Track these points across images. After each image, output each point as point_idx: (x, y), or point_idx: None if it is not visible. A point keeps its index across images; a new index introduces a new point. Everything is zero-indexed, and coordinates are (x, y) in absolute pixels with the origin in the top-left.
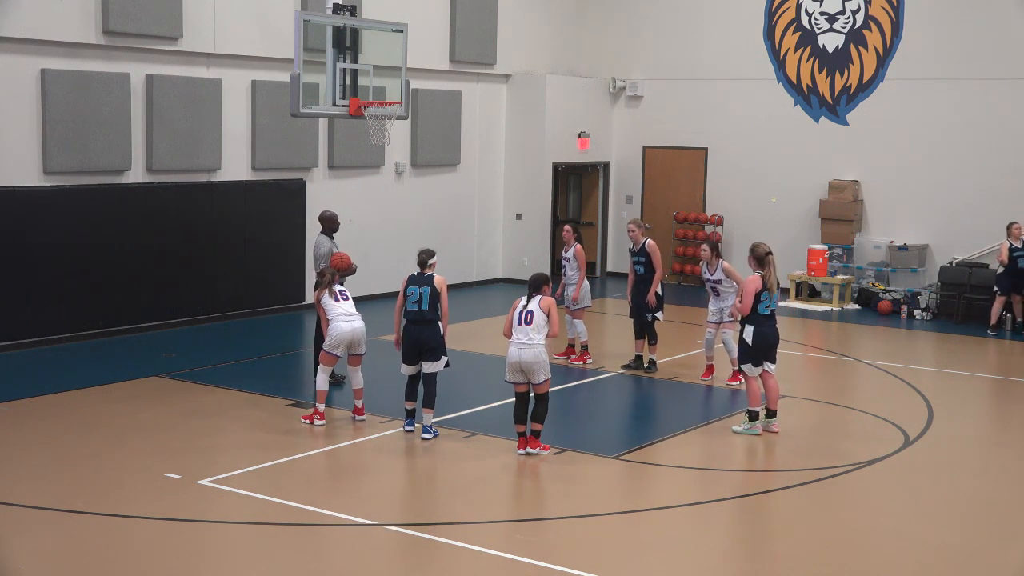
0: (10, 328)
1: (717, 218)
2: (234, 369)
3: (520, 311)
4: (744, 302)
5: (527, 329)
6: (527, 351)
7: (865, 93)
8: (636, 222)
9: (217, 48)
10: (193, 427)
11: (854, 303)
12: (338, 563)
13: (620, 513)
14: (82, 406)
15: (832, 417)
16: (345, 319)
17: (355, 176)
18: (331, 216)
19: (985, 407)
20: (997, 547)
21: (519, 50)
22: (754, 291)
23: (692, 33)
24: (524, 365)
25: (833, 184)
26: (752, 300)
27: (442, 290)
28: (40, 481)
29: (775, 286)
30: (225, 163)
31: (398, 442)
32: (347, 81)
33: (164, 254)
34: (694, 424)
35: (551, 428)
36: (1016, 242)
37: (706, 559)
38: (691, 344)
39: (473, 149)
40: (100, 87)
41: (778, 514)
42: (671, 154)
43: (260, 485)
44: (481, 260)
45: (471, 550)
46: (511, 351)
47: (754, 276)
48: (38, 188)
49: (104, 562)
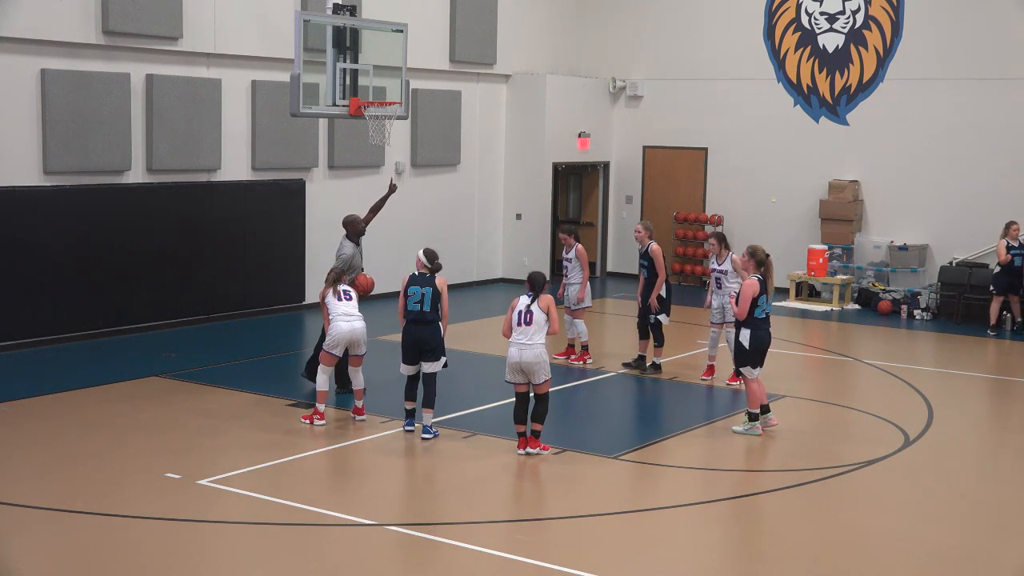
0: (10, 328)
1: (717, 218)
2: (234, 369)
3: (520, 311)
4: (741, 306)
5: (527, 329)
6: (527, 351)
7: (865, 93)
8: (644, 225)
9: (217, 48)
10: (193, 427)
11: (854, 303)
12: (338, 563)
13: (620, 513)
14: (82, 406)
15: (832, 417)
16: (345, 319)
17: (355, 176)
18: (353, 220)
19: (985, 407)
20: (997, 547)
21: (519, 50)
22: (752, 296)
23: (692, 33)
24: (524, 365)
25: (833, 184)
26: (750, 304)
27: (443, 291)
28: (40, 481)
29: (771, 290)
30: (225, 163)
31: (398, 442)
32: (347, 81)
33: (164, 254)
34: (694, 424)
35: (551, 428)
36: (1014, 241)
37: (706, 559)
38: (691, 344)
39: (473, 149)
40: (100, 87)
41: (778, 514)
42: (671, 154)
43: (260, 485)
44: (481, 260)
45: (471, 550)
46: (511, 351)
47: (752, 280)
48: (38, 188)
49: (104, 562)
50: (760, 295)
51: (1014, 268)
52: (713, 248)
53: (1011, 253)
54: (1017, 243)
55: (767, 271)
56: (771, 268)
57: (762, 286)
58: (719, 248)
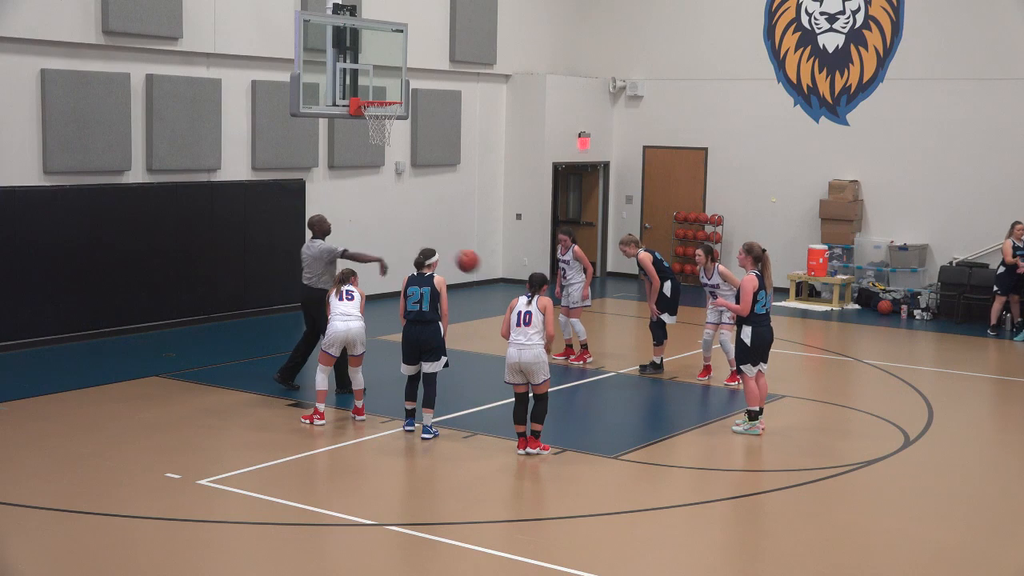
0: (10, 328)
1: (717, 218)
2: (234, 369)
3: (518, 312)
4: (744, 301)
5: (526, 330)
6: (527, 352)
7: (865, 93)
8: (624, 241)
9: (217, 48)
10: (193, 427)
11: (854, 303)
12: (338, 563)
13: (620, 513)
14: (82, 406)
15: (832, 417)
16: (342, 319)
17: (355, 176)
18: (320, 219)
19: (985, 407)
20: (997, 547)
21: (519, 50)
22: (752, 290)
23: (692, 33)
24: (524, 366)
25: (833, 184)
26: (751, 299)
27: (442, 290)
28: (40, 481)
29: (770, 285)
30: (225, 163)
31: (398, 442)
32: (347, 81)
33: (164, 254)
34: (694, 424)
35: (551, 428)
36: (1020, 242)
37: (706, 559)
38: (691, 344)
39: (473, 149)
40: (100, 87)
41: (778, 514)
42: (671, 154)
43: (260, 485)
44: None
45: (471, 550)
46: (510, 352)
47: (751, 276)
48: (38, 188)
49: (104, 562)
50: (759, 290)
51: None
52: (700, 260)
53: (1018, 255)
54: (1023, 243)
55: (764, 267)
56: (768, 264)
57: (760, 281)
58: (706, 260)
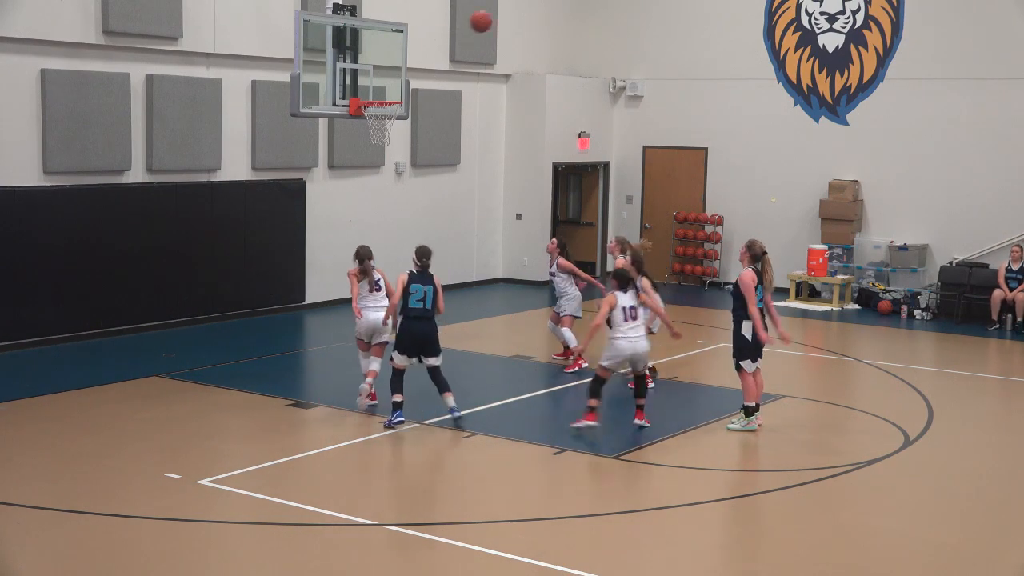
0: (9, 328)
1: (717, 218)
2: (234, 369)
3: (624, 307)
4: (747, 297)
5: (635, 323)
6: (640, 343)
7: (865, 93)
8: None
9: (217, 48)
10: (193, 427)
11: (854, 303)
12: (338, 563)
13: (619, 513)
14: (82, 406)
15: (832, 417)
16: (374, 310)
17: (355, 176)
18: None
19: (985, 407)
20: (997, 547)
21: (519, 50)
22: (752, 286)
23: (692, 33)
24: (637, 356)
25: (833, 184)
26: (753, 295)
27: (439, 287)
28: (40, 481)
29: (770, 283)
30: (225, 163)
31: (398, 442)
32: (347, 81)
33: (164, 254)
34: (693, 424)
35: (549, 428)
36: (1015, 264)
37: (705, 559)
38: (691, 344)
39: (473, 149)
40: (100, 87)
41: (777, 514)
42: (671, 154)
43: (260, 485)
44: (481, 260)
45: (471, 550)
46: (622, 344)
47: (750, 272)
48: (38, 188)
49: (105, 562)
50: (758, 286)
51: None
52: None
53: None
54: (1018, 267)
55: (764, 267)
56: (768, 265)
57: (758, 277)
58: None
